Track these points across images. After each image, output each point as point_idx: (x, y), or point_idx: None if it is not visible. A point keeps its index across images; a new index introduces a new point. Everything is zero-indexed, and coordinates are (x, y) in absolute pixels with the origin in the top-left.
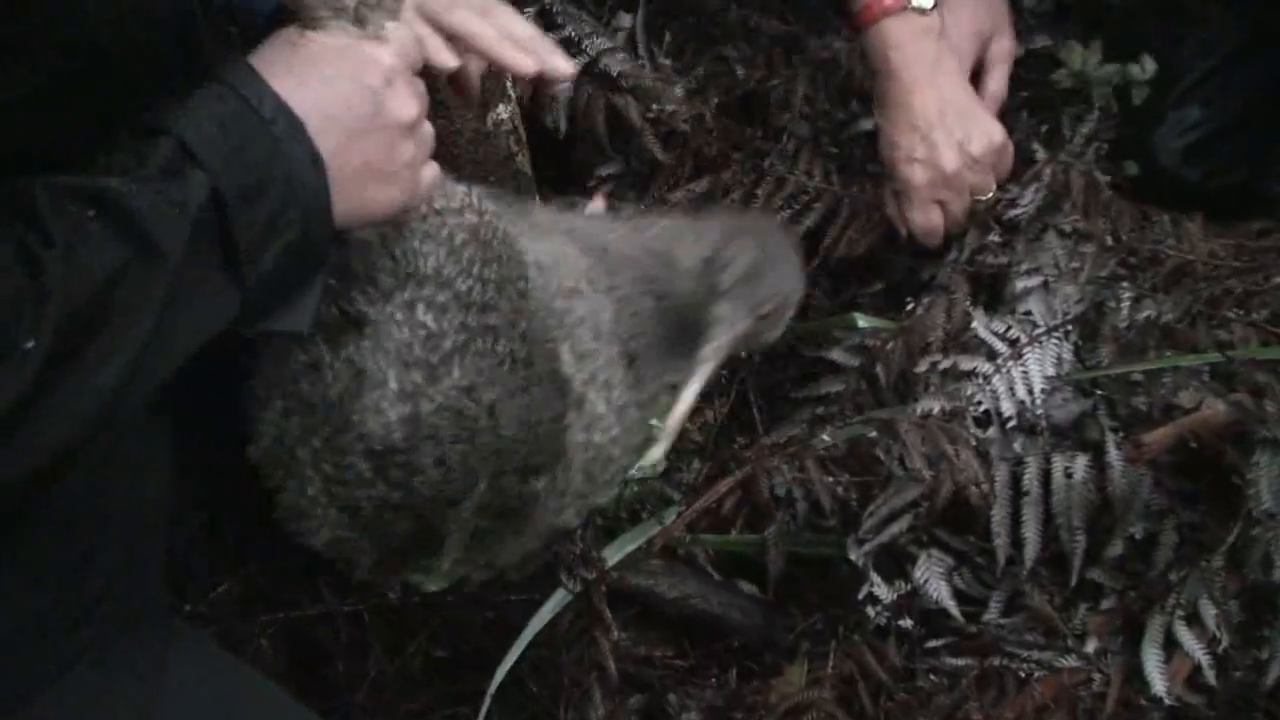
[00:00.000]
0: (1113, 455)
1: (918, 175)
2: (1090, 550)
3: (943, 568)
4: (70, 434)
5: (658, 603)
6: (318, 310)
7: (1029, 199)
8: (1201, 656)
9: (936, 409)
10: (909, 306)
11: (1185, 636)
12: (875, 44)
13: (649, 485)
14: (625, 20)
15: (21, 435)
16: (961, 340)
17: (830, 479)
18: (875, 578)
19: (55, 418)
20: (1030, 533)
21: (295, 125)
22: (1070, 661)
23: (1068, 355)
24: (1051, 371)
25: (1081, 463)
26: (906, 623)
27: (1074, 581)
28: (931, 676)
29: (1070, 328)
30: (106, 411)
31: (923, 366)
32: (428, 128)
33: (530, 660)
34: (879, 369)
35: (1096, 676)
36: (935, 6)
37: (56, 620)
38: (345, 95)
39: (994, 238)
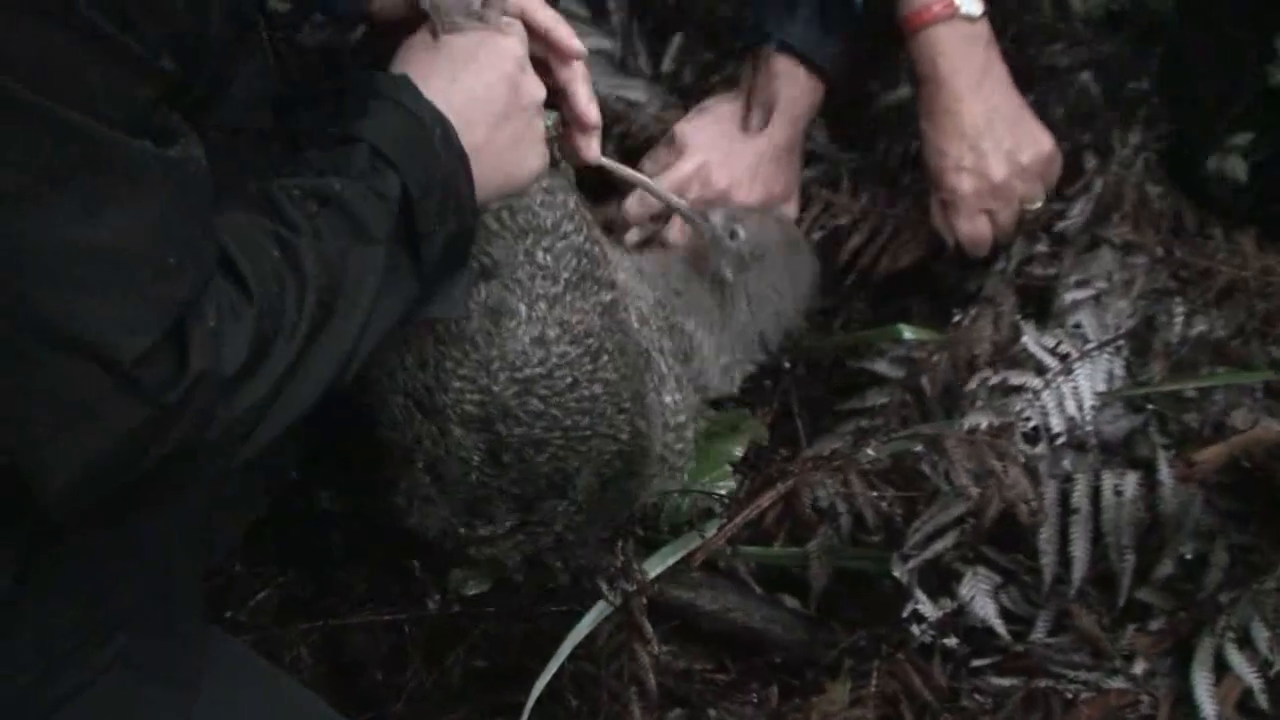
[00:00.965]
0: (1164, 473)
1: (965, 184)
2: (1139, 570)
3: (989, 585)
4: (313, 399)
5: (698, 616)
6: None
7: (1078, 210)
8: (1253, 680)
9: (984, 424)
10: (955, 318)
11: (1236, 659)
12: (923, 51)
13: (691, 498)
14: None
15: (283, 399)
16: (1010, 354)
17: (874, 493)
18: (920, 595)
19: (308, 384)
20: (1079, 551)
21: (449, 131)
22: (1118, 683)
23: (1119, 371)
24: (1102, 387)
25: (1132, 480)
26: (951, 641)
27: (1122, 601)
28: (976, 696)
29: (1121, 342)
30: (339, 379)
31: (972, 382)
32: None
33: (569, 673)
34: (924, 381)
35: (1144, 699)
36: (984, 14)
37: (92, 627)
38: (490, 85)
39: (1042, 248)
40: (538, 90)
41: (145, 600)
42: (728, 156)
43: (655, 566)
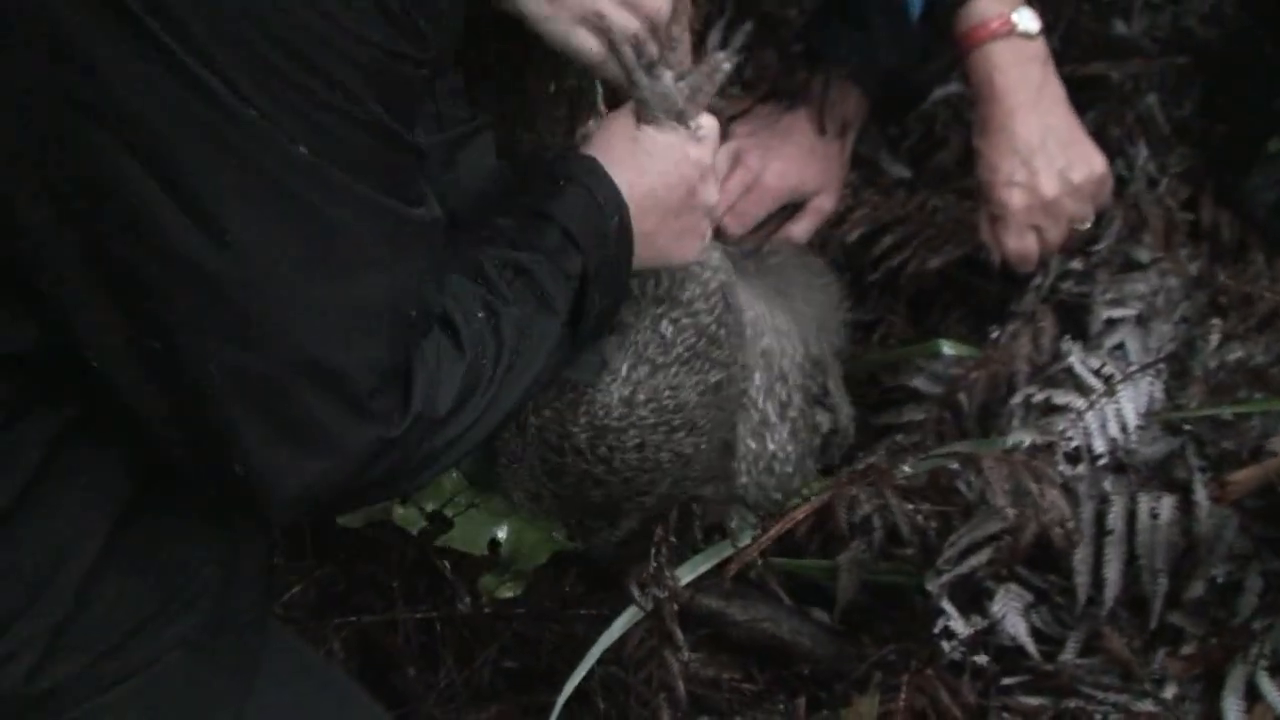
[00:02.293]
0: (1199, 496)
1: (1016, 200)
2: (1172, 593)
3: (1021, 604)
4: (483, 442)
5: (728, 625)
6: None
7: (1114, 229)
8: None
9: (1027, 443)
10: (993, 335)
11: (1268, 687)
12: (980, 68)
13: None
14: None
15: (465, 441)
16: (1050, 373)
17: (910, 507)
18: (951, 610)
19: (484, 429)
20: (1112, 573)
21: (625, 221)
22: (1147, 706)
23: (1158, 393)
24: (1144, 409)
25: (1168, 503)
26: (982, 659)
27: (1154, 624)
28: (1005, 715)
29: (1162, 366)
30: (504, 427)
31: (1016, 398)
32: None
33: (599, 677)
34: (962, 398)
35: None
36: (1040, 31)
37: (164, 605)
38: (671, 186)
39: (1076, 265)
40: (712, 197)
41: (213, 583)
42: (767, 141)
43: (687, 574)
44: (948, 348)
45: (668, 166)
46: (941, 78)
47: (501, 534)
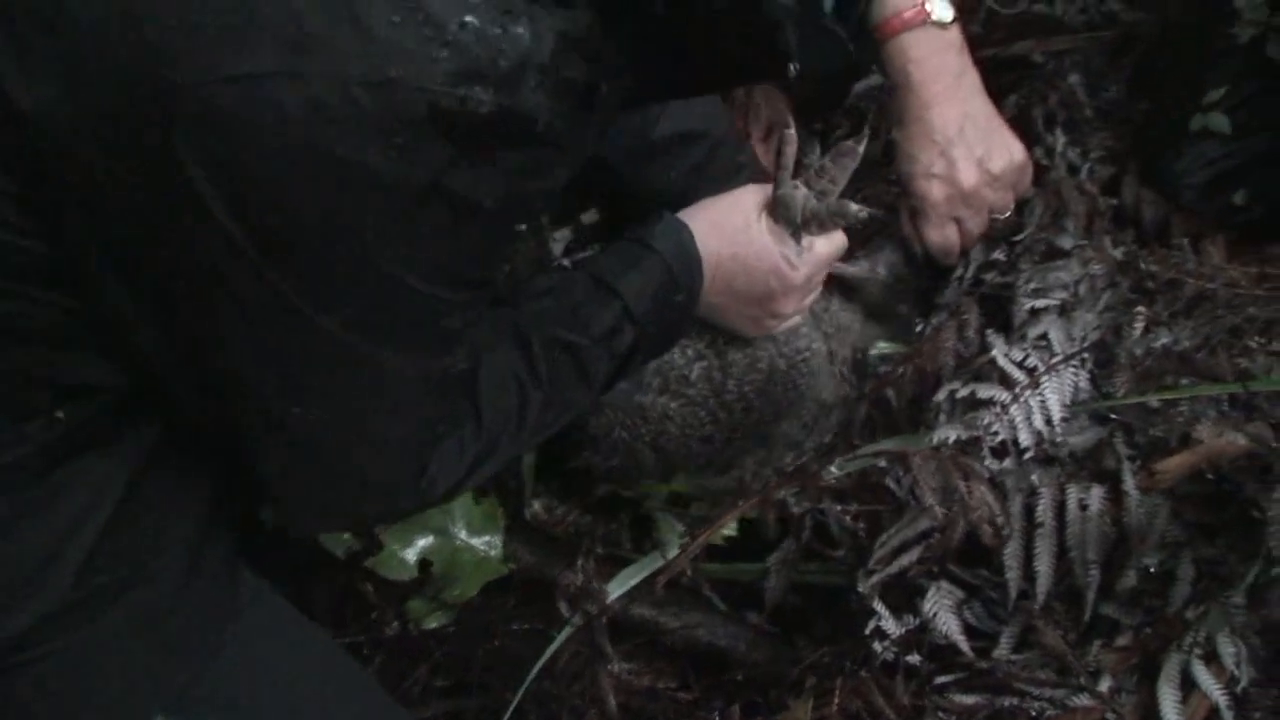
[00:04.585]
0: (1129, 485)
1: (935, 191)
2: (1105, 585)
3: (953, 601)
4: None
5: (662, 633)
6: None
7: (1036, 217)
8: (1219, 697)
9: (953, 438)
10: (918, 328)
11: (1203, 676)
12: (896, 59)
13: (656, 517)
14: None
15: (460, 491)
16: (975, 366)
17: (839, 508)
18: (883, 611)
19: (487, 477)
20: (1043, 566)
21: (693, 297)
22: (1083, 700)
23: (1084, 384)
24: (1069, 399)
25: (1097, 493)
26: (915, 658)
27: (1087, 617)
28: (940, 714)
29: (1087, 355)
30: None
31: (941, 394)
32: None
33: (532, 692)
34: (890, 394)
35: (1110, 716)
36: (955, 20)
37: (135, 559)
38: (752, 282)
39: (999, 255)
40: (784, 308)
41: (191, 535)
42: None
43: (618, 587)
44: (875, 345)
45: (759, 264)
46: (864, 70)
47: (431, 556)
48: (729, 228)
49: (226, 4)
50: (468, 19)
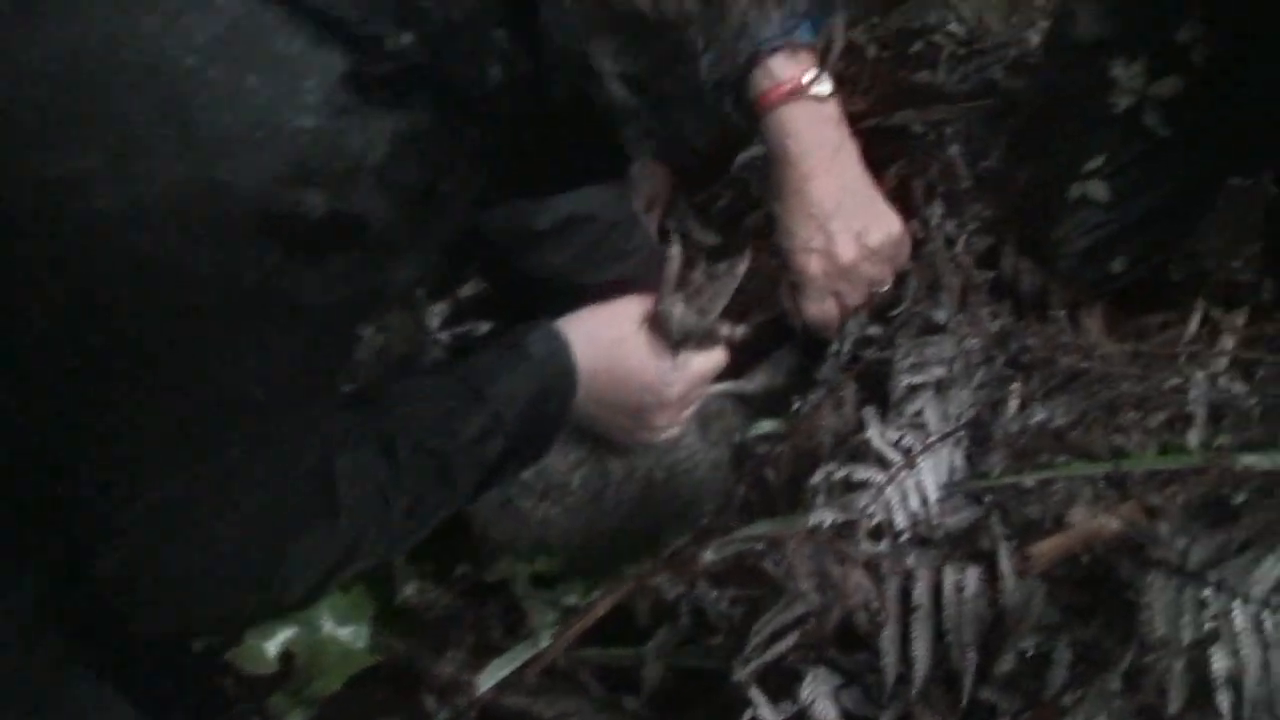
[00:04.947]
0: (1005, 567)
1: (814, 266)
2: (982, 668)
3: (830, 687)
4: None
5: None
6: None
7: (911, 291)
8: None
9: (829, 521)
10: (795, 407)
11: None
12: (774, 131)
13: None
14: None
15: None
16: (852, 445)
17: (714, 593)
18: (760, 698)
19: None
20: (920, 650)
21: (564, 407)
22: None
23: (960, 462)
24: (945, 479)
25: (973, 575)
26: None
27: (965, 702)
28: None
29: (963, 433)
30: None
31: (816, 476)
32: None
33: None
34: (768, 474)
35: None
36: (833, 93)
37: None
38: (626, 395)
39: (875, 330)
40: (660, 421)
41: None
42: None
43: (489, 679)
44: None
45: (633, 379)
46: (744, 142)
47: (294, 648)
48: (606, 340)
49: (51, 103)
50: (301, 120)
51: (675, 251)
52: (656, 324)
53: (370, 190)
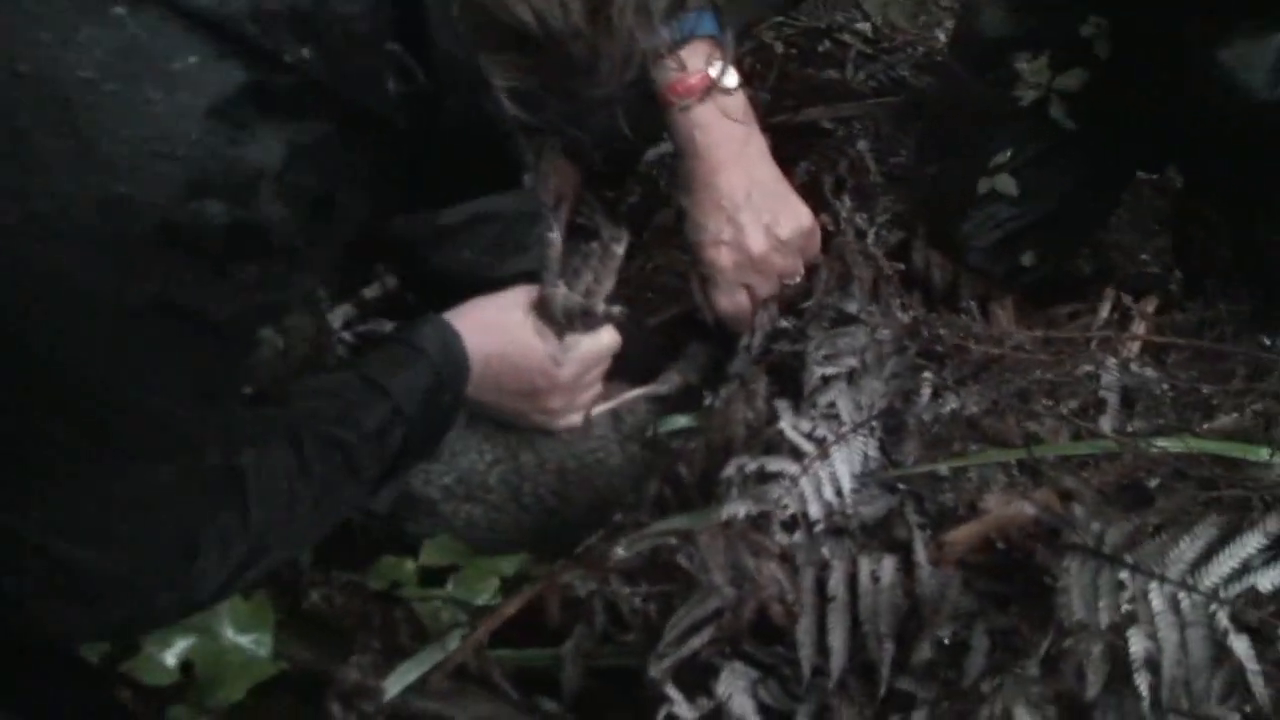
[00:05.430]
0: (920, 555)
1: (724, 258)
2: (900, 658)
3: (746, 681)
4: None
5: None
6: None
7: (823, 283)
8: None
9: (742, 513)
10: (708, 401)
11: None
12: (682, 125)
13: (431, 605)
14: None
15: (227, 594)
16: (766, 437)
17: (627, 590)
18: (676, 695)
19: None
20: (837, 641)
21: (458, 398)
22: None
23: (873, 452)
24: (859, 469)
25: (889, 565)
26: None
27: (883, 692)
28: None
29: (875, 423)
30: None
31: (728, 469)
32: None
33: None
34: (682, 469)
35: None
36: (740, 85)
37: None
38: (518, 378)
39: (786, 323)
40: (550, 404)
41: None
42: None
43: (396, 683)
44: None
45: (524, 363)
46: (653, 137)
47: (194, 658)
48: (496, 328)
49: None
50: (198, 132)
51: (555, 237)
52: (543, 308)
53: (270, 199)
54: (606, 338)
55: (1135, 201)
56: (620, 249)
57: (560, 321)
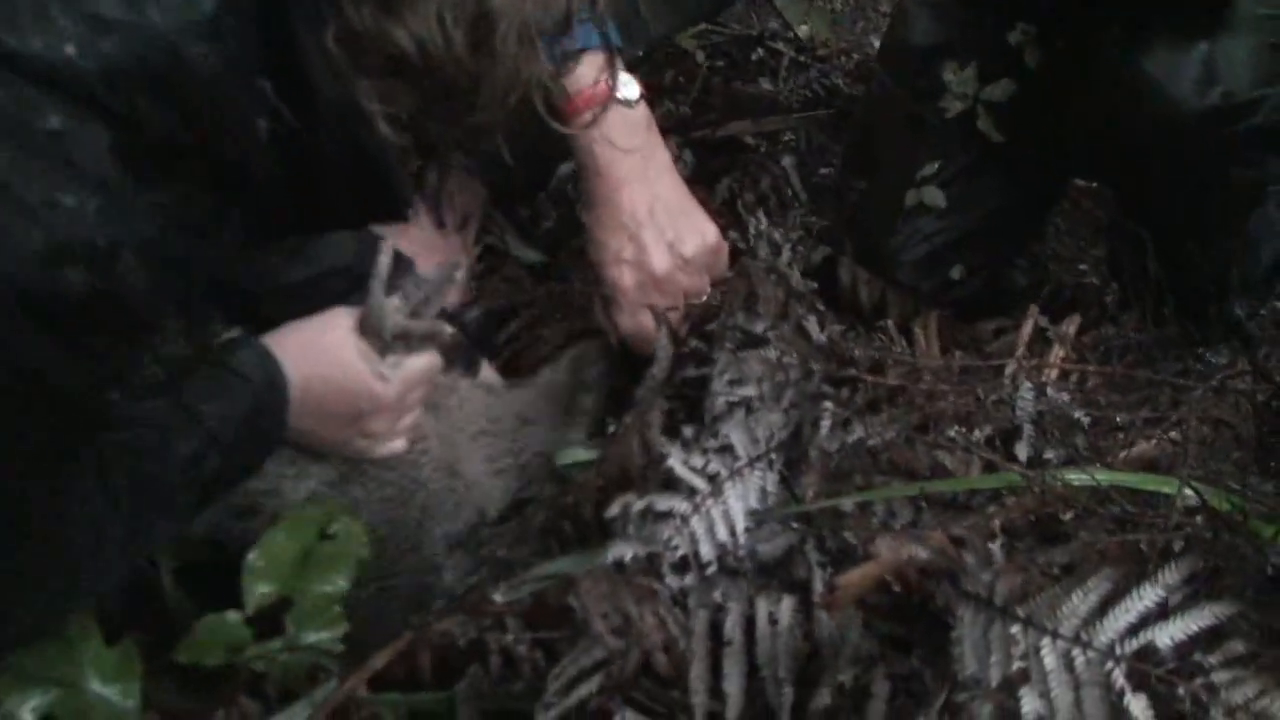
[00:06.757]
0: (819, 596)
1: (626, 278)
2: (799, 704)
3: None
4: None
5: None
6: None
7: (729, 307)
8: None
9: (630, 555)
10: (610, 429)
11: None
12: (580, 140)
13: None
14: None
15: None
16: (660, 471)
17: (510, 637)
18: None
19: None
20: (733, 686)
21: (278, 423)
22: None
23: (772, 486)
24: (755, 505)
25: (787, 606)
26: None
27: None
28: None
29: (774, 455)
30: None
31: (614, 508)
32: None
33: None
34: (577, 502)
35: None
36: (641, 97)
37: None
38: (339, 407)
39: (693, 345)
40: (374, 428)
41: None
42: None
43: None
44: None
45: (348, 384)
46: (565, 153)
47: (55, 711)
48: (317, 348)
49: None
50: (58, 199)
51: (388, 244)
52: (367, 326)
53: (131, 267)
54: (430, 359)
55: (1074, 210)
56: (459, 274)
57: (386, 338)
